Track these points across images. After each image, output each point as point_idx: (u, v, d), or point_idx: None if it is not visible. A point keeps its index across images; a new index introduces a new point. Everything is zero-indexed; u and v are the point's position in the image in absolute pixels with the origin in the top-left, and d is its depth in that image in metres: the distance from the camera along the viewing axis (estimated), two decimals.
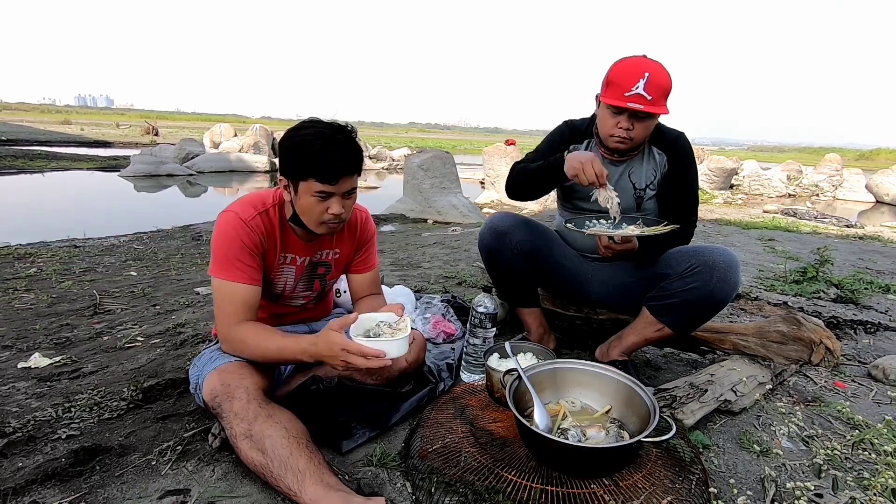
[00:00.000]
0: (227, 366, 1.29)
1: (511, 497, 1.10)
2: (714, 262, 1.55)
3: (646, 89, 1.52)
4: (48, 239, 5.03)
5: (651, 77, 1.52)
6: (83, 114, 72.11)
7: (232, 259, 1.31)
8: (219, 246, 1.32)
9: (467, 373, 1.72)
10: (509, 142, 11.24)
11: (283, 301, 1.54)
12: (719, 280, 1.54)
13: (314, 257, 1.50)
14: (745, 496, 1.20)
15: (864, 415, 1.60)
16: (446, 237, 5.43)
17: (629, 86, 1.53)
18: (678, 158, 1.72)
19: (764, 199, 13.37)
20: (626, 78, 1.54)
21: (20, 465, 1.25)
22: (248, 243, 1.32)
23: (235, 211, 1.34)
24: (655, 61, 1.57)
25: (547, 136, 1.90)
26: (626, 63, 1.58)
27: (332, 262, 1.56)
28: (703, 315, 1.65)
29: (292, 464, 1.11)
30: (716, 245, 1.65)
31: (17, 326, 2.35)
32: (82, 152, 17.04)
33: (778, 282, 3.42)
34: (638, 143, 1.67)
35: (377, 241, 1.69)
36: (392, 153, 20.53)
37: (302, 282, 1.52)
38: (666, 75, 1.55)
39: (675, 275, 1.62)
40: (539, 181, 1.73)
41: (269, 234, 1.37)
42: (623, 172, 1.75)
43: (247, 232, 1.32)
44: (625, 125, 1.59)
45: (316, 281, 1.55)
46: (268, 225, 1.37)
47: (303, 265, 1.49)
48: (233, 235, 1.31)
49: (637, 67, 1.54)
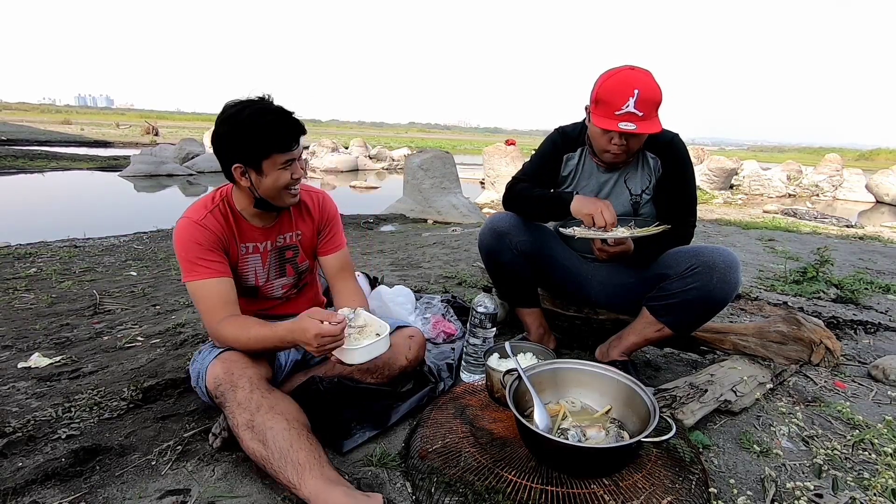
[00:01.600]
0: (229, 354, 1.31)
1: (511, 497, 1.10)
2: (714, 262, 1.55)
3: (637, 106, 1.48)
4: (48, 239, 5.03)
5: (641, 93, 1.48)
6: (83, 114, 72.13)
7: (194, 259, 1.34)
8: (180, 252, 1.36)
9: (467, 373, 1.72)
10: (509, 142, 11.24)
11: (262, 295, 1.55)
12: (719, 280, 1.54)
13: (276, 241, 1.52)
14: (745, 496, 1.20)
15: (864, 415, 1.60)
16: (446, 237, 5.43)
17: (619, 104, 1.49)
18: (673, 161, 1.70)
19: (764, 200, 13.37)
20: (616, 96, 1.49)
21: (20, 465, 1.25)
22: (205, 241, 1.36)
23: (187, 216, 1.39)
24: (644, 72, 1.53)
25: (540, 146, 1.88)
26: (614, 79, 1.53)
27: (297, 245, 1.57)
28: (703, 315, 1.65)
29: (292, 456, 1.12)
30: (716, 245, 1.65)
31: (17, 326, 2.35)
32: (82, 152, 17.05)
33: (778, 282, 3.42)
34: (633, 154, 1.67)
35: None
36: (392, 153, 20.54)
37: (273, 269, 1.54)
38: (656, 88, 1.51)
39: (674, 275, 1.62)
40: (541, 214, 1.75)
41: (224, 227, 1.41)
42: (618, 179, 1.75)
43: (200, 231, 1.36)
44: (618, 142, 1.57)
45: (287, 266, 1.57)
46: (221, 220, 1.41)
47: (266, 251, 1.51)
48: (189, 238, 1.35)
49: (626, 83, 1.49)
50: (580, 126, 1.79)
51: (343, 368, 1.51)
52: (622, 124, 1.50)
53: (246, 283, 1.50)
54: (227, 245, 1.41)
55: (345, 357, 1.27)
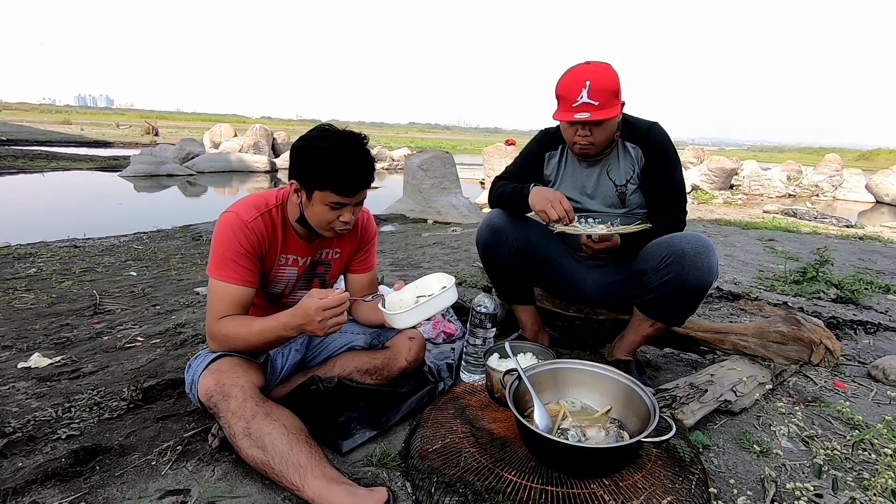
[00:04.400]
0: (219, 364, 1.29)
1: (511, 497, 1.10)
2: (683, 250, 1.55)
3: (590, 96, 1.54)
4: (48, 239, 5.03)
5: (593, 84, 1.53)
6: (83, 114, 72.10)
7: (229, 260, 1.31)
8: (217, 246, 1.33)
9: (467, 373, 1.72)
10: (509, 142, 11.24)
11: (282, 301, 1.54)
12: (690, 267, 1.53)
13: (315, 257, 1.51)
14: (745, 496, 1.20)
15: (864, 415, 1.61)
16: (446, 237, 5.43)
17: (574, 97, 1.55)
18: (653, 149, 1.71)
19: (764, 200, 13.37)
20: (570, 90, 1.57)
21: (20, 465, 1.25)
22: (247, 245, 1.33)
23: (237, 212, 1.34)
24: (598, 64, 1.59)
25: (525, 146, 1.94)
26: (568, 75, 1.60)
27: (332, 262, 1.56)
28: (685, 305, 1.63)
29: (293, 459, 1.12)
30: (688, 232, 1.64)
31: (17, 326, 2.35)
32: (82, 152, 17.04)
33: (778, 282, 3.42)
34: (604, 145, 1.68)
35: (377, 241, 1.70)
36: (392, 153, 20.53)
37: (302, 281, 1.52)
38: (609, 77, 1.56)
39: (650, 269, 1.62)
40: (513, 207, 1.77)
41: (270, 235, 1.38)
42: (601, 171, 1.76)
43: (246, 234, 1.32)
44: (582, 133, 1.62)
45: (315, 280, 1.56)
46: (269, 226, 1.37)
47: (304, 265, 1.49)
48: (231, 237, 1.32)
49: (578, 77, 1.56)
50: None
51: (343, 369, 1.51)
52: (577, 115, 1.56)
53: (274, 290, 1.48)
54: (265, 253, 1.39)
55: (394, 322, 1.29)
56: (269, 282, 1.45)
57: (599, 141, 1.64)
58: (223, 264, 1.31)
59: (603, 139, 1.64)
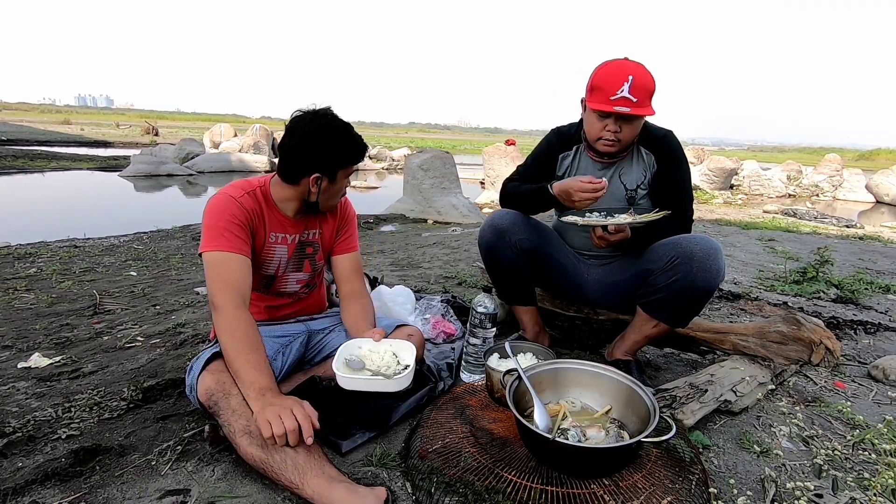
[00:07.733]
0: (220, 363, 1.29)
1: (511, 497, 1.10)
2: (692, 251, 1.55)
3: (631, 92, 1.53)
4: (48, 239, 5.03)
5: (635, 79, 1.53)
6: (83, 114, 72.09)
7: (222, 229, 1.34)
8: (209, 220, 1.36)
9: (467, 373, 1.72)
10: (509, 142, 11.24)
11: (277, 287, 1.56)
12: (699, 269, 1.53)
13: (302, 236, 1.55)
14: (745, 496, 1.20)
15: (864, 415, 1.60)
16: (446, 237, 5.43)
17: (614, 89, 1.54)
18: (666, 157, 1.72)
19: (764, 200, 13.37)
20: (611, 82, 1.56)
21: (20, 465, 1.25)
22: (239, 216, 1.38)
23: (224, 192, 1.42)
24: (638, 63, 1.59)
25: (536, 146, 1.92)
26: (609, 67, 1.59)
27: (318, 242, 1.60)
28: (691, 306, 1.64)
29: (292, 458, 1.12)
30: (695, 234, 1.64)
31: (17, 326, 2.35)
32: (82, 152, 17.05)
33: (778, 282, 3.42)
34: (626, 145, 1.68)
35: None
36: (392, 153, 20.52)
37: (293, 261, 1.56)
38: (649, 77, 1.57)
39: (657, 269, 1.62)
40: (531, 205, 1.77)
41: (256, 212, 1.43)
42: (613, 174, 1.75)
43: (237, 206, 1.38)
44: (612, 128, 1.61)
45: (306, 261, 1.59)
46: (255, 204, 1.43)
47: (293, 243, 1.53)
48: (223, 209, 1.37)
49: (621, 71, 1.56)
50: (577, 125, 1.82)
51: None
52: (617, 107, 1.55)
53: (266, 270, 1.51)
54: (255, 228, 1.44)
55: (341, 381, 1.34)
56: (262, 262, 1.49)
57: (626, 139, 1.64)
58: (217, 234, 1.34)
59: (629, 138, 1.65)
